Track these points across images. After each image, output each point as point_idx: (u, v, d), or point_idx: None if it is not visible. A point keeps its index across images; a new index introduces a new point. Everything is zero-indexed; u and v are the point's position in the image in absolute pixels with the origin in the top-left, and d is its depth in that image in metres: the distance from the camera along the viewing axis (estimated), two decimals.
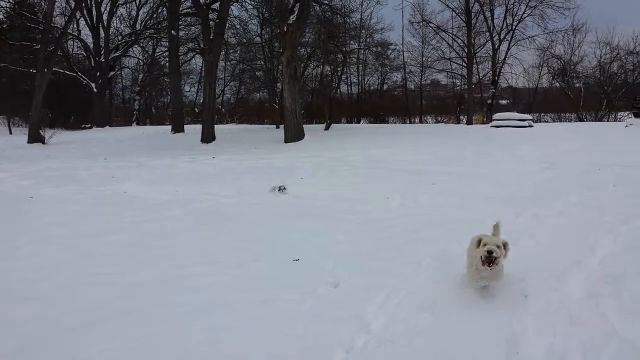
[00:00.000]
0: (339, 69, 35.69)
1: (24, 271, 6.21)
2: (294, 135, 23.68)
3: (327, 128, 30.60)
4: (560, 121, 39.26)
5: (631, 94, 29.32)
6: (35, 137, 26.52)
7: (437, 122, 46.25)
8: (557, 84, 44.38)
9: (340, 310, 4.83)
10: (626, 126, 23.00)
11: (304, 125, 25.59)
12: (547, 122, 39.20)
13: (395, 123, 45.08)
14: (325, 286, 5.53)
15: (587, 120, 36.84)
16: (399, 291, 5.24)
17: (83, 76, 39.31)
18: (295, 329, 4.49)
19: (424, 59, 47.35)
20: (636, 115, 23.75)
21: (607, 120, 36.11)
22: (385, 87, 51.86)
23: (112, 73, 43.61)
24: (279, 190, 10.95)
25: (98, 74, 40.10)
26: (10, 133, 34.34)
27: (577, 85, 42.90)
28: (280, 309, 4.95)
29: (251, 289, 5.51)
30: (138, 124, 45.26)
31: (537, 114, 40.69)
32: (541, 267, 5.65)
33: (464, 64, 42.31)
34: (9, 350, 4.16)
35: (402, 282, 5.48)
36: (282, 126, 26.32)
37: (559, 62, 43.07)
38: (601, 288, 5.04)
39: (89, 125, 38.38)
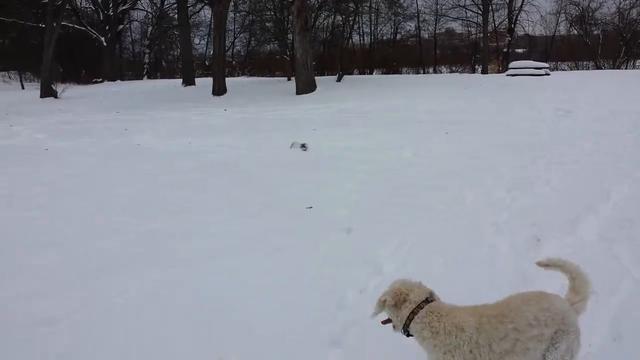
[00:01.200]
0: (350, 18, 34.96)
1: (42, 220, 6.32)
2: (305, 87, 23.43)
3: (339, 79, 30.19)
4: (578, 69, 38.39)
5: None
6: (47, 92, 26.53)
7: (452, 72, 45.42)
8: (575, 32, 43.19)
9: (353, 255, 4.88)
10: None
11: (316, 77, 25.28)
12: (564, 70, 38.35)
13: (408, 74, 44.35)
14: (338, 233, 5.58)
15: (604, 68, 35.95)
16: (411, 237, 5.27)
17: (92, 30, 38.93)
18: (309, 272, 4.56)
19: (438, 6, 46.27)
20: None
21: (625, 68, 35.21)
22: (398, 36, 50.88)
23: (121, 26, 43.09)
24: (301, 147, 10.63)
25: (107, 27, 39.65)
26: (23, 88, 34.37)
27: (595, 32, 41.76)
28: (293, 255, 5.02)
29: (265, 236, 5.57)
30: (149, 77, 45.03)
31: (554, 63, 39.81)
32: (555, 212, 5.64)
33: (479, 11, 41.22)
34: (34, 293, 4.28)
35: (415, 228, 5.51)
36: (293, 78, 26.03)
37: (577, 8, 41.86)
38: (615, 232, 5.04)
39: (100, 79, 38.23)
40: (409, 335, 2.76)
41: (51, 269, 4.84)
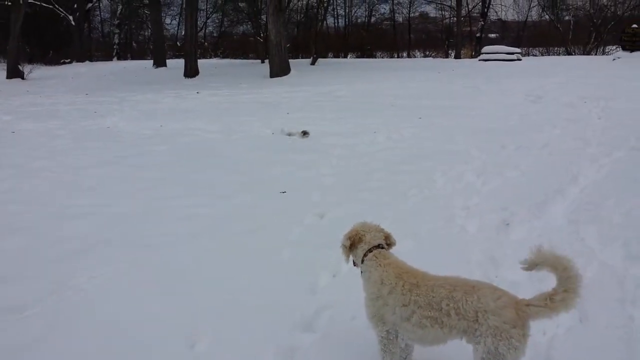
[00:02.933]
0: None
1: (9, 203, 6.19)
2: (279, 69, 23.24)
3: (313, 63, 30.05)
4: (549, 55, 38.91)
5: (620, 27, 28.91)
6: (13, 72, 25.82)
7: (426, 56, 45.55)
8: (547, 17, 43.65)
9: (326, 239, 4.88)
10: (614, 59, 22.85)
11: (290, 60, 25.09)
12: (536, 55, 38.83)
13: (382, 57, 44.34)
14: (311, 217, 5.60)
15: (575, 54, 36.52)
16: (383, 220, 5.28)
17: (60, 8, 37.75)
18: (282, 256, 4.57)
19: None
20: (624, 49, 23.49)
21: (596, 54, 35.82)
22: (372, 19, 50.66)
23: (89, 5, 41.94)
24: (302, 134, 10.02)
25: (75, 5, 38.52)
26: None
27: (567, 18, 42.25)
28: (266, 238, 5.02)
29: (237, 219, 5.56)
30: (119, 58, 43.95)
31: (525, 48, 40.19)
32: (524, 196, 5.74)
33: None
34: (1, 279, 4.20)
35: (387, 211, 5.56)
36: (267, 61, 25.78)
37: None
38: (582, 215, 5.16)
39: (69, 60, 37.27)
40: None
41: (19, 253, 4.76)
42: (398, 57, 45.46)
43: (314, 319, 3.58)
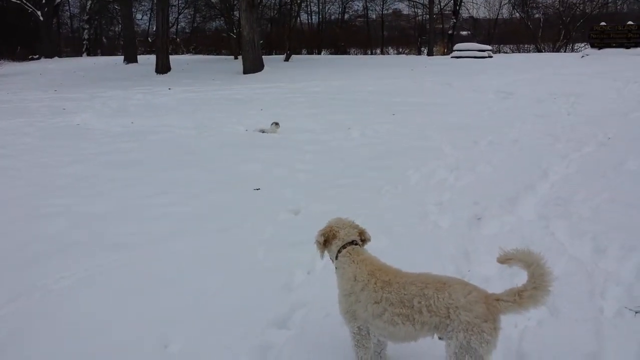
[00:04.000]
0: None
1: None
2: (252, 66, 23.10)
3: (287, 59, 29.97)
4: (519, 52, 39.51)
5: (589, 25, 29.51)
6: None
7: (399, 53, 45.85)
8: (517, 15, 44.32)
9: (300, 236, 4.86)
10: (582, 57, 23.31)
11: (264, 57, 24.96)
12: (507, 52, 39.39)
13: (356, 54, 44.47)
14: (286, 213, 5.57)
15: (545, 51, 37.16)
16: (357, 217, 5.29)
17: (28, 3, 36.82)
18: (256, 253, 4.53)
19: None
20: (592, 46, 23.98)
21: (565, 51, 36.51)
22: (346, 16, 50.77)
23: (58, 0, 41.00)
24: (275, 125, 9.96)
25: (44, 0, 37.61)
26: None
27: (537, 16, 42.97)
28: (240, 236, 4.97)
29: (211, 218, 5.49)
30: (88, 54, 43.13)
31: (496, 45, 40.78)
32: (496, 192, 5.81)
33: None
34: None
35: (361, 207, 5.55)
36: (240, 57, 25.59)
37: None
38: (552, 210, 5.24)
39: (37, 56, 36.43)
40: None
41: None
42: (371, 53, 45.68)
43: (288, 316, 3.55)
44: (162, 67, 24.72)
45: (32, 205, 5.95)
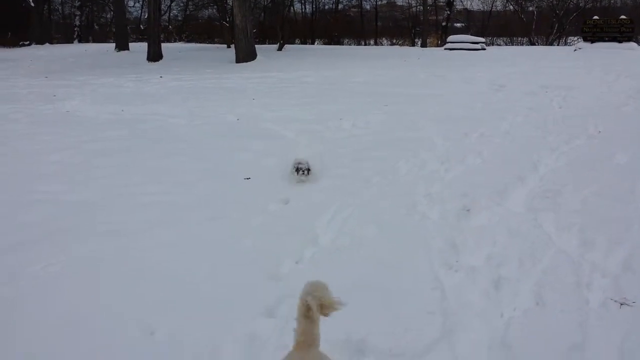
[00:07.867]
0: None
1: None
2: (245, 55, 22.95)
3: (280, 49, 29.80)
4: (513, 45, 39.57)
5: (582, 19, 29.58)
6: None
7: (392, 44, 45.74)
8: (511, 7, 44.33)
9: (289, 226, 4.88)
10: (575, 50, 23.36)
11: (256, 46, 24.78)
12: (500, 45, 39.45)
13: (350, 45, 44.31)
14: (275, 203, 5.56)
15: (538, 44, 37.23)
16: (347, 207, 5.32)
17: None
18: (244, 242, 4.52)
19: None
20: (585, 40, 24.03)
21: (558, 45, 36.61)
22: (340, 6, 50.48)
23: None
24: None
25: None
26: None
27: (530, 9, 42.98)
28: (229, 226, 4.96)
29: (200, 207, 5.47)
30: (80, 41, 42.68)
31: (490, 38, 40.80)
32: (485, 183, 5.83)
33: None
34: None
35: (351, 198, 5.56)
36: (233, 46, 25.42)
37: None
38: (541, 203, 5.26)
39: (28, 42, 36.01)
40: None
41: None
42: (365, 44, 45.54)
43: (275, 306, 3.55)
44: (154, 55, 24.51)
45: (19, 192, 5.90)
